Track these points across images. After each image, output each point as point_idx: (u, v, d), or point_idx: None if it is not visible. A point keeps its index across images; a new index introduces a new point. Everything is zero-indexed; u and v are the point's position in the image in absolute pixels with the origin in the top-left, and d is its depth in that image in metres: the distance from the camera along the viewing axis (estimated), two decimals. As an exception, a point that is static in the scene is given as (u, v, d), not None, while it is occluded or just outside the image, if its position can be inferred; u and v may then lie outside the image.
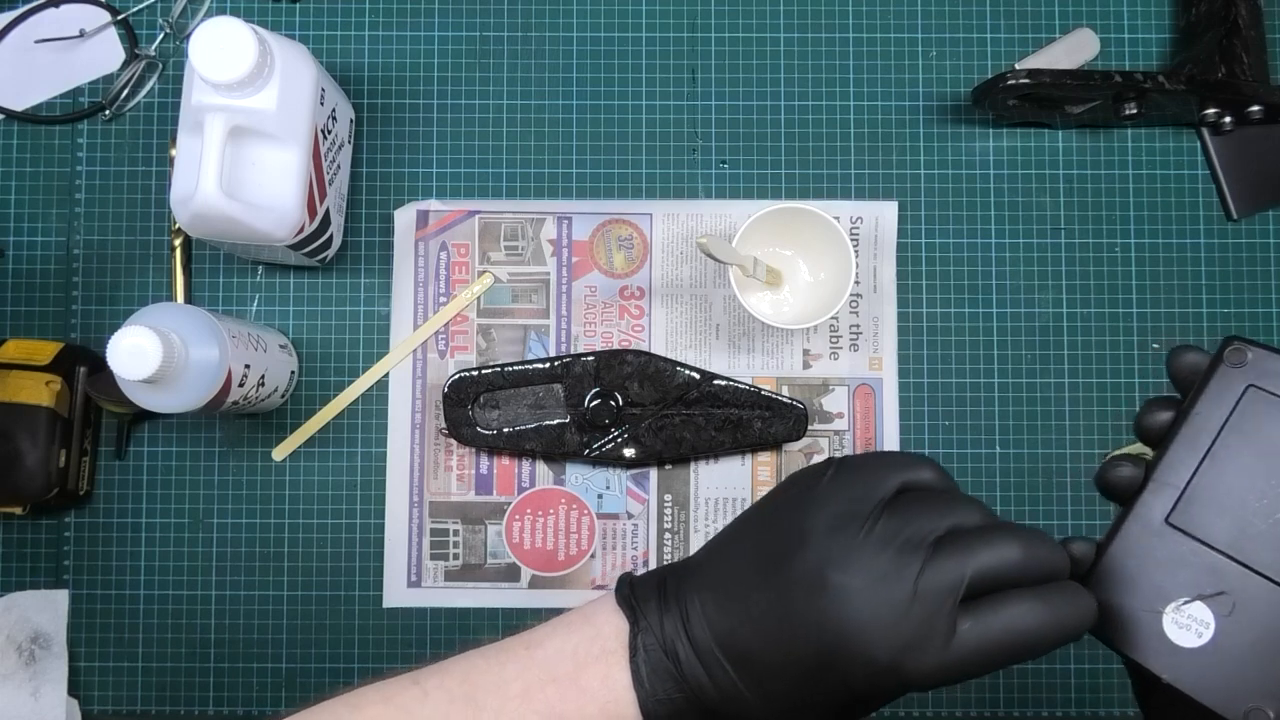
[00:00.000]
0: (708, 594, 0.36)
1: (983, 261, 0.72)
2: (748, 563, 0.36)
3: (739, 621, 0.35)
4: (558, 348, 0.71)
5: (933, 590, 0.32)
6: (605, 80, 0.73)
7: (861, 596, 0.32)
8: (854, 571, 0.33)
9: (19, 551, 0.71)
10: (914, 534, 0.33)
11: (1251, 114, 0.68)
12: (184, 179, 0.60)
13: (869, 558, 0.33)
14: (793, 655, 0.34)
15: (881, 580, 0.32)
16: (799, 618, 0.33)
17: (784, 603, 0.34)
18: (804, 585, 0.33)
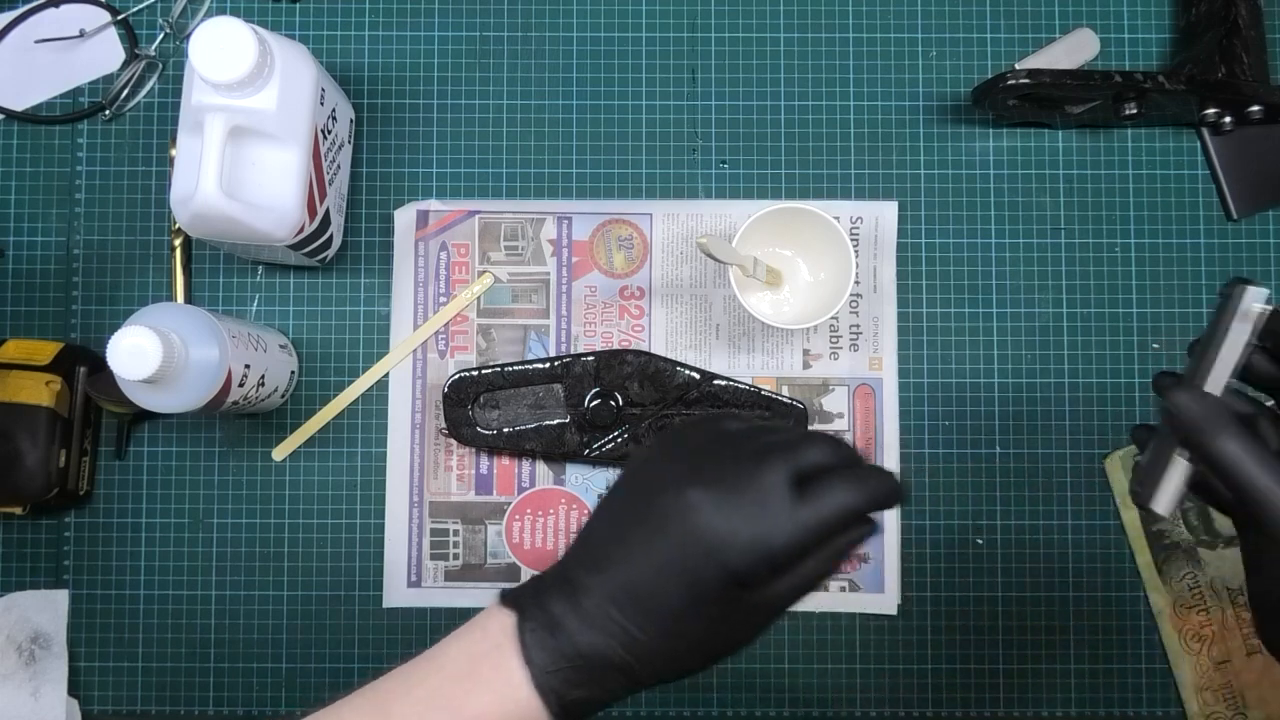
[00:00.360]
0: (588, 560, 0.40)
1: (983, 261, 0.72)
2: (619, 518, 0.41)
3: (621, 568, 0.39)
4: (558, 348, 0.71)
5: (770, 480, 0.39)
6: (605, 80, 0.73)
7: (718, 498, 0.38)
8: (708, 482, 0.39)
9: (19, 551, 0.71)
10: (748, 448, 0.40)
11: (1251, 114, 0.68)
12: (184, 179, 0.60)
13: (718, 470, 0.39)
14: (673, 572, 0.38)
15: (733, 482, 0.39)
16: (673, 536, 0.38)
17: (658, 530, 0.39)
18: (670, 508, 0.39)
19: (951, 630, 0.70)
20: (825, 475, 0.40)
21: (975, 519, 0.71)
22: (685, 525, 0.38)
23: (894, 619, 0.70)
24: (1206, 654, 0.70)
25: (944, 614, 0.70)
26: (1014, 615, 0.70)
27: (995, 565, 0.70)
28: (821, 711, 0.70)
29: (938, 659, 0.70)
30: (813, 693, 0.70)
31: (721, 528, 0.38)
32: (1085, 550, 0.70)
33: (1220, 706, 0.69)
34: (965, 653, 0.70)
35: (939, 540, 0.70)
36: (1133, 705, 0.70)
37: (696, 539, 0.38)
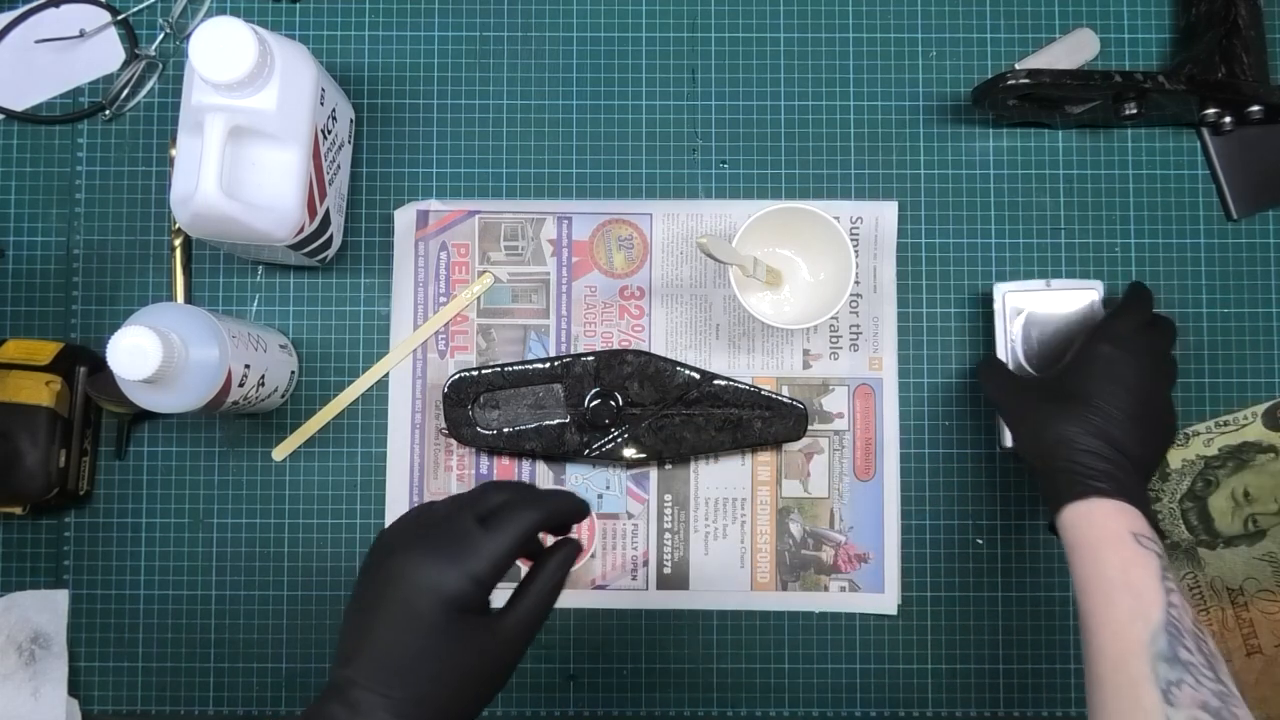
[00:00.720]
0: (344, 657, 0.45)
1: (983, 261, 0.72)
2: (358, 610, 0.46)
3: (370, 649, 0.44)
4: (558, 348, 0.71)
5: (459, 523, 0.46)
6: (605, 80, 0.73)
7: (423, 551, 0.45)
8: (413, 544, 0.46)
9: (19, 551, 0.71)
10: (441, 510, 0.48)
11: (1251, 114, 0.68)
12: (184, 179, 0.60)
13: (421, 533, 0.47)
14: (409, 626, 0.44)
15: (433, 536, 0.46)
16: (399, 598, 0.45)
17: (388, 600, 0.45)
18: (391, 578, 0.45)
19: (951, 630, 0.70)
20: (503, 506, 0.48)
21: (975, 519, 0.71)
22: (406, 584, 0.45)
23: (894, 619, 0.70)
24: (1206, 654, 0.69)
25: (944, 614, 0.70)
26: (1014, 615, 0.70)
27: (995, 565, 0.70)
28: (821, 711, 0.70)
29: (938, 659, 0.70)
30: (813, 693, 0.70)
31: (432, 570, 0.45)
32: (1085, 550, 0.70)
33: (1220, 706, 0.69)
34: (965, 653, 0.70)
35: (939, 540, 0.71)
36: (1133, 705, 0.70)
37: (417, 588, 0.44)
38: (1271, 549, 0.70)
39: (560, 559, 0.49)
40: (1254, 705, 0.69)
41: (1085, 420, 0.56)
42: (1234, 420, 0.71)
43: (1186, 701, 0.46)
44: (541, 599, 0.48)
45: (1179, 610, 0.50)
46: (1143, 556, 0.51)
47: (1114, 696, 0.48)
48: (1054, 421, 0.57)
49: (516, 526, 0.47)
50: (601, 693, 0.70)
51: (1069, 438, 0.56)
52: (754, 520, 0.71)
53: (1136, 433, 0.57)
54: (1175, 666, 0.47)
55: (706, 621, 0.70)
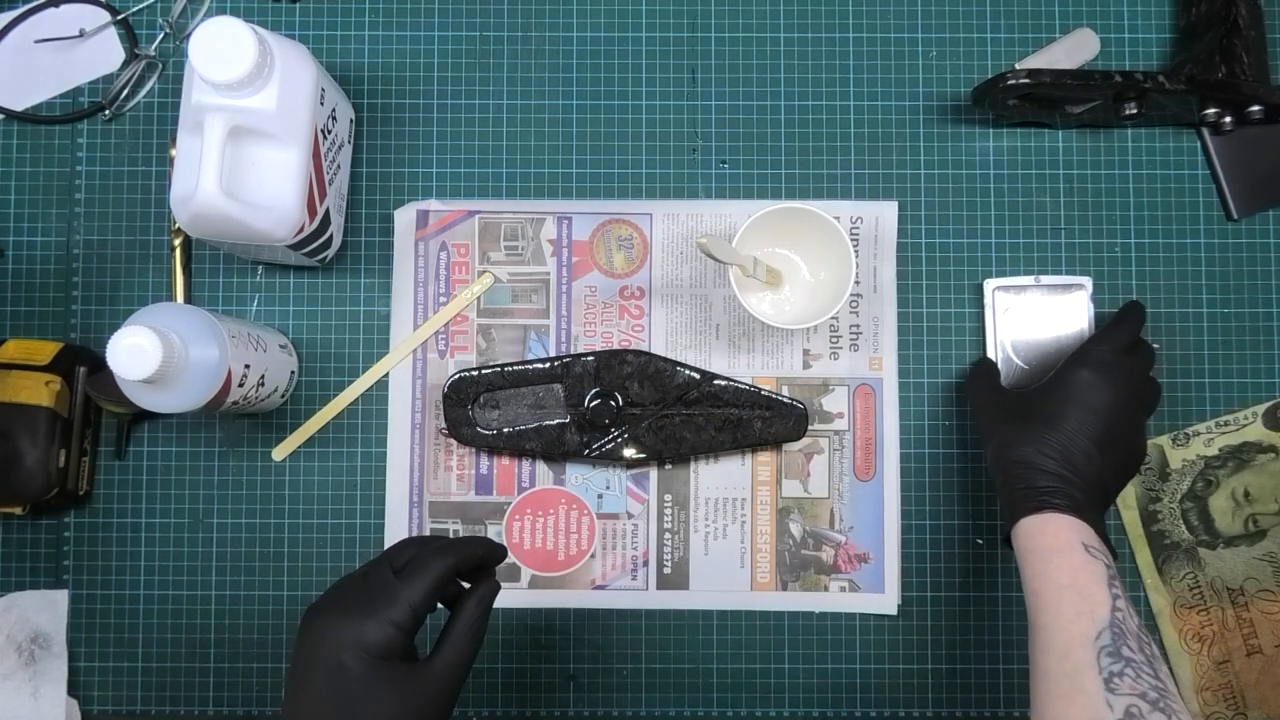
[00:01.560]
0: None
1: (983, 261, 0.72)
2: (295, 688, 0.48)
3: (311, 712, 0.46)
4: (558, 348, 0.71)
5: (373, 578, 0.49)
6: (605, 80, 0.73)
7: (341, 610, 0.48)
8: (331, 606, 0.49)
9: (19, 551, 0.71)
10: (358, 572, 0.51)
11: (1251, 114, 0.68)
12: (184, 179, 0.60)
13: (339, 594, 0.50)
14: (341, 685, 0.46)
15: (351, 594, 0.49)
16: (328, 661, 0.47)
17: (318, 669, 0.47)
18: (318, 645, 0.47)
19: (951, 630, 0.70)
20: (416, 556, 0.50)
21: (975, 519, 0.71)
22: (331, 641, 0.47)
23: (894, 619, 0.70)
24: (1206, 654, 0.70)
25: (944, 614, 0.70)
26: (1014, 615, 0.70)
27: (995, 565, 0.70)
28: (821, 711, 0.70)
29: (938, 659, 0.70)
30: (813, 693, 0.70)
31: (353, 624, 0.47)
32: (1085, 550, 0.70)
33: (1220, 706, 0.69)
34: (965, 653, 0.70)
35: (939, 540, 0.70)
36: (1133, 705, 0.70)
37: (342, 643, 0.46)
38: (1271, 549, 0.70)
39: (477, 598, 0.51)
40: (1254, 705, 0.69)
41: (1048, 443, 0.58)
42: (1234, 420, 0.71)
43: (1127, 690, 0.48)
44: (464, 637, 0.50)
45: (1124, 614, 0.51)
46: (1091, 564, 0.53)
47: (1056, 684, 0.50)
48: (1018, 441, 0.59)
49: (431, 571, 0.49)
50: (601, 693, 0.70)
51: (1029, 459, 0.58)
52: (754, 520, 0.71)
53: (1100, 458, 0.58)
54: (1118, 660, 0.49)
55: (706, 621, 0.70)
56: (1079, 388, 0.60)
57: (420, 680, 0.47)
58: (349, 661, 0.46)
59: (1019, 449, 0.58)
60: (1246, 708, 0.69)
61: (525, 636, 0.70)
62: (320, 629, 0.47)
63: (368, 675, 0.46)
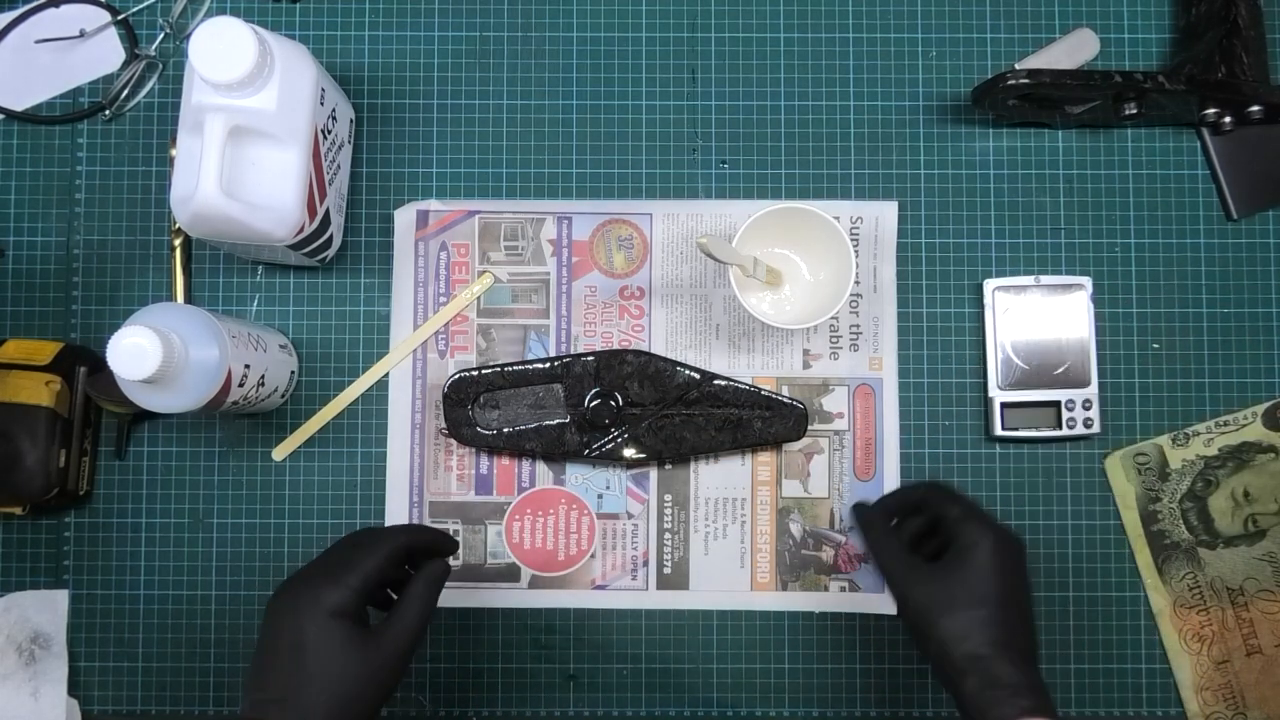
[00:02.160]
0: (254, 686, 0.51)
1: (983, 261, 0.72)
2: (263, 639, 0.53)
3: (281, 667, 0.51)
4: (558, 348, 0.71)
5: (334, 549, 0.56)
6: (605, 80, 0.73)
7: (309, 575, 0.54)
8: (304, 575, 0.54)
9: (19, 551, 0.71)
10: (331, 546, 0.57)
11: (1251, 114, 0.68)
12: (184, 179, 0.60)
13: (310, 566, 0.56)
14: (308, 640, 0.51)
15: (320, 563, 0.55)
16: (293, 622, 0.52)
17: (287, 628, 0.52)
18: (287, 608, 0.53)
19: (951, 630, 0.70)
20: (374, 533, 0.57)
21: (975, 519, 0.71)
22: (295, 604, 0.52)
23: (894, 619, 0.70)
24: (1206, 654, 0.70)
25: (944, 614, 0.70)
26: (1014, 615, 0.70)
27: (995, 565, 0.70)
28: (821, 711, 0.70)
29: (938, 659, 0.70)
30: (813, 693, 0.70)
31: (312, 588, 0.52)
32: (1085, 550, 0.70)
33: (1220, 706, 0.69)
34: (965, 653, 0.70)
35: (939, 540, 0.70)
36: (1133, 705, 0.70)
37: (301, 603, 0.52)
38: (1271, 549, 0.70)
39: (425, 574, 0.55)
40: (1254, 705, 0.69)
41: (990, 632, 0.55)
42: (1234, 420, 0.71)
43: None
44: (410, 609, 0.54)
45: None
46: None
47: None
48: (960, 639, 0.55)
49: (383, 544, 0.55)
50: (601, 693, 0.70)
51: (979, 655, 0.54)
52: (754, 520, 0.71)
53: (1030, 629, 0.57)
54: None
55: (706, 621, 0.70)
56: (995, 556, 0.57)
57: (368, 641, 0.52)
58: (306, 616, 0.51)
59: (963, 646, 0.55)
60: (1246, 708, 0.69)
61: (525, 636, 0.70)
62: (284, 593, 0.53)
63: (322, 629, 0.51)
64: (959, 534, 0.58)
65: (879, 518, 0.63)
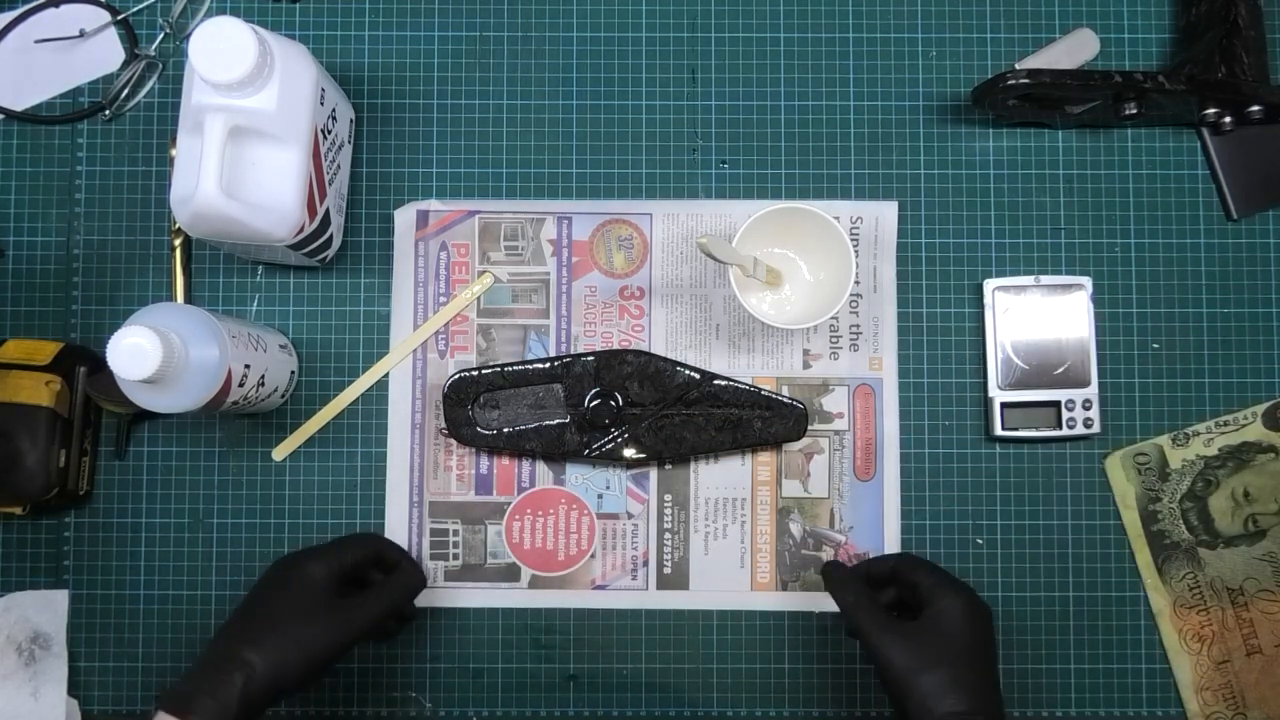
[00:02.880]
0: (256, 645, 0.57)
1: (983, 261, 0.72)
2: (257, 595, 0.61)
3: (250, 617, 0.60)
4: (558, 348, 0.71)
5: (325, 545, 0.64)
6: (605, 80, 0.73)
7: (303, 552, 0.63)
8: (299, 551, 0.64)
9: (19, 551, 0.71)
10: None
11: (1251, 114, 0.68)
12: (184, 179, 0.60)
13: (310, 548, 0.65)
14: (287, 596, 0.60)
15: (308, 549, 0.64)
16: (280, 581, 0.61)
17: (278, 585, 0.61)
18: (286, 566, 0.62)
19: (951, 630, 0.70)
20: (356, 536, 0.69)
21: (975, 519, 0.71)
22: (282, 565, 0.62)
23: (894, 619, 0.70)
24: (1206, 654, 0.70)
25: (944, 614, 0.70)
26: (1014, 615, 0.70)
27: (995, 565, 0.70)
28: (821, 711, 0.70)
29: (938, 659, 0.70)
30: (813, 693, 0.70)
31: (300, 557, 0.62)
32: (1085, 550, 0.70)
33: (1220, 706, 0.69)
34: (965, 653, 0.70)
35: (939, 540, 0.70)
36: (1133, 705, 0.70)
37: (288, 565, 0.62)
38: (1271, 549, 0.70)
39: (402, 573, 0.64)
40: (1254, 705, 0.69)
41: (970, 691, 0.55)
42: (1234, 420, 0.71)
43: None
44: (380, 596, 0.62)
45: None
46: None
47: None
48: (940, 697, 0.55)
49: (360, 544, 0.64)
50: (601, 693, 0.70)
51: (960, 713, 0.55)
52: (754, 520, 0.71)
53: (998, 691, 0.58)
54: None
55: (706, 621, 0.70)
56: (971, 622, 0.58)
57: (337, 608, 0.60)
58: (294, 579, 0.61)
59: (947, 698, 0.55)
60: (1246, 708, 0.69)
61: (525, 636, 0.70)
62: (281, 562, 0.62)
63: (303, 590, 0.60)
64: (933, 598, 0.59)
65: (853, 579, 0.63)
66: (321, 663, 0.59)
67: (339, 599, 0.61)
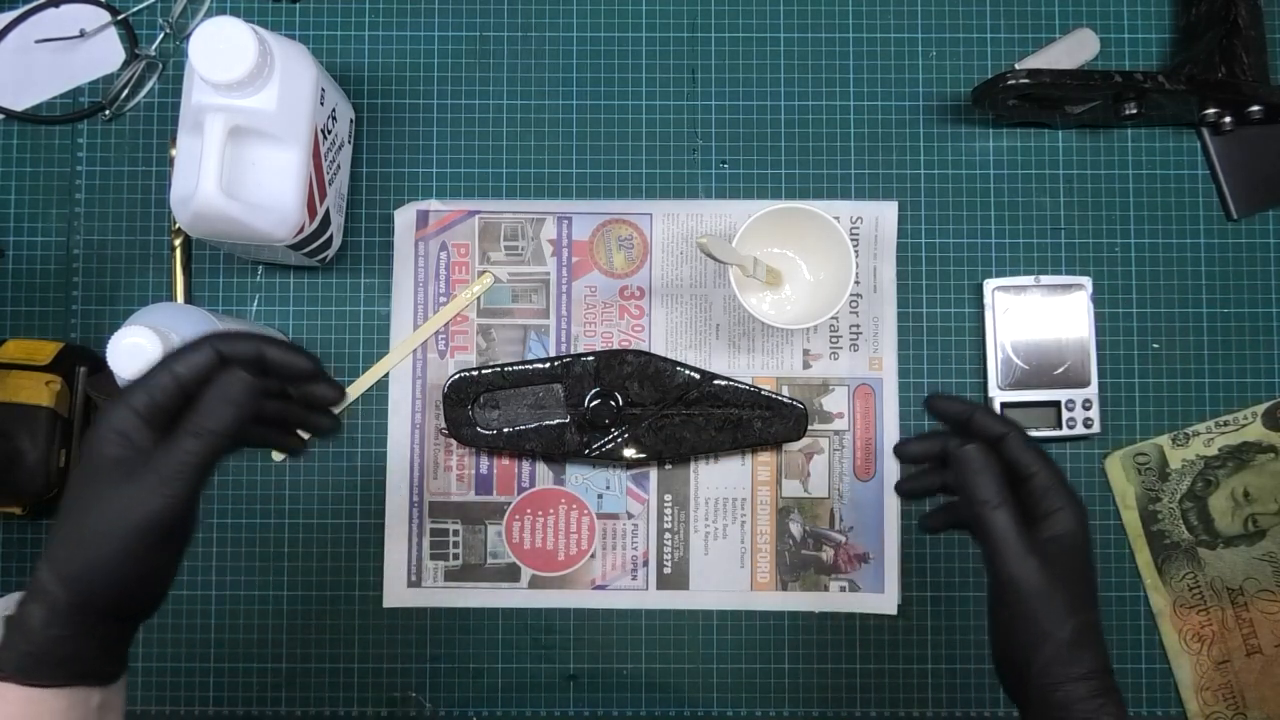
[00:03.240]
0: (50, 558, 0.43)
1: (983, 261, 0.72)
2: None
3: (65, 517, 0.42)
4: (558, 348, 0.71)
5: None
6: (605, 80, 0.73)
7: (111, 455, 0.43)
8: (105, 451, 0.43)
9: (19, 551, 0.71)
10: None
11: (1251, 114, 0.68)
12: (184, 179, 0.60)
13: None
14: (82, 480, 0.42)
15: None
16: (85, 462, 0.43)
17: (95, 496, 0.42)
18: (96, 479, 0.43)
19: (951, 630, 0.70)
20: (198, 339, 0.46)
21: (975, 519, 0.71)
22: (94, 425, 0.43)
23: (894, 619, 0.70)
24: (1206, 654, 0.70)
25: (944, 614, 0.70)
26: (1014, 615, 0.70)
27: (995, 565, 0.70)
28: (821, 711, 0.70)
29: (938, 659, 0.70)
30: (813, 693, 0.70)
31: (109, 406, 0.43)
32: (1085, 550, 0.70)
33: (1220, 706, 0.69)
34: (965, 653, 0.70)
35: (939, 540, 0.70)
36: (1133, 705, 0.70)
37: (96, 423, 0.43)
38: (1271, 549, 0.70)
39: (220, 383, 0.43)
40: (1254, 705, 0.69)
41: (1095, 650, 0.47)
42: (1234, 420, 0.71)
43: None
44: (189, 428, 0.43)
45: None
46: None
47: None
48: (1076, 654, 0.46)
49: (192, 355, 0.44)
50: (601, 693, 0.70)
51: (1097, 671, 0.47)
52: (754, 520, 0.71)
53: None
54: None
55: (706, 621, 0.70)
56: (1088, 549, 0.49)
57: (124, 471, 0.42)
58: (93, 434, 0.43)
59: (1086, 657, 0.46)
60: (1246, 708, 0.69)
61: (525, 636, 0.70)
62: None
63: (84, 457, 0.43)
64: (1050, 505, 0.48)
65: (996, 467, 0.48)
66: (140, 549, 0.42)
67: (148, 450, 0.42)
